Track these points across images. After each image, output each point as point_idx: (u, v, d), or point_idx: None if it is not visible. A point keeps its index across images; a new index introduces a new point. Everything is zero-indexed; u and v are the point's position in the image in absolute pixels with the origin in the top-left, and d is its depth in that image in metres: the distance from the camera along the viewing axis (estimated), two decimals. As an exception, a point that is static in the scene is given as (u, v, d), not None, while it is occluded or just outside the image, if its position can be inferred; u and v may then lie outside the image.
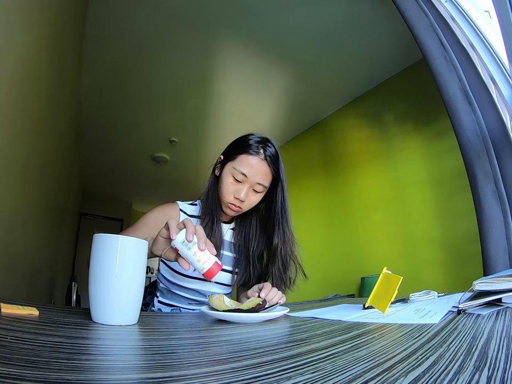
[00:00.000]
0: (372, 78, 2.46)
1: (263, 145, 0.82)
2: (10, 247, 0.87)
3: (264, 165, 0.81)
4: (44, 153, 1.38)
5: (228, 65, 2.37)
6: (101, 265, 0.44)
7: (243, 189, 0.80)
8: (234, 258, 0.90)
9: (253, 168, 0.79)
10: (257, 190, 0.82)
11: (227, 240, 0.91)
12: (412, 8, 1.32)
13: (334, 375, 0.22)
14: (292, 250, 0.87)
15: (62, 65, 1.54)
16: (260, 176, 0.80)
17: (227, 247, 0.90)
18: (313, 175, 2.96)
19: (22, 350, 0.26)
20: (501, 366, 0.22)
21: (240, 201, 0.80)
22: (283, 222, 0.85)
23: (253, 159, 0.80)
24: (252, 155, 0.80)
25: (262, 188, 0.82)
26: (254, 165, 0.80)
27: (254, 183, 0.80)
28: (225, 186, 0.81)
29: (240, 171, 0.79)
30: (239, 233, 0.91)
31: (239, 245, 0.90)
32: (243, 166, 0.79)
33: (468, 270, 1.55)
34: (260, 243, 0.90)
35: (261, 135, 0.85)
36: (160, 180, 4.41)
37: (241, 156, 0.81)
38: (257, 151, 0.81)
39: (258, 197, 0.83)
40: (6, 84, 0.78)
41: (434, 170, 1.97)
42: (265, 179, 0.82)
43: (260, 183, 0.81)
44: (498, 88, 1.23)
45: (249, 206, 0.83)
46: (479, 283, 0.52)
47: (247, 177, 0.79)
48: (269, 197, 0.87)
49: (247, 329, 0.45)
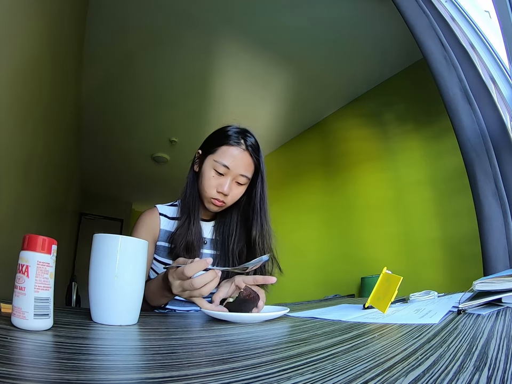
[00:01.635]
0: (372, 78, 2.46)
1: (243, 136, 0.79)
2: (10, 247, 0.87)
3: (246, 155, 0.78)
4: (44, 153, 1.38)
5: (228, 65, 2.37)
6: (101, 265, 0.44)
7: (226, 182, 0.76)
8: (213, 255, 0.88)
9: (235, 159, 0.76)
10: (241, 182, 0.79)
11: (209, 238, 0.88)
12: (412, 8, 1.32)
13: (334, 375, 0.22)
14: (269, 243, 0.84)
15: (63, 65, 1.54)
16: (242, 167, 0.77)
17: (209, 245, 0.88)
18: (313, 175, 2.96)
19: (22, 350, 0.26)
20: (501, 366, 0.22)
21: (224, 195, 0.77)
22: (261, 214, 0.82)
23: (234, 150, 0.77)
24: (233, 146, 0.77)
25: (245, 179, 0.79)
26: (236, 156, 0.77)
27: (237, 174, 0.77)
28: (207, 180, 0.77)
29: (222, 163, 0.76)
30: (218, 229, 0.88)
31: (217, 241, 0.88)
32: (224, 158, 0.76)
33: (468, 270, 1.55)
34: (240, 238, 0.87)
35: (239, 126, 0.82)
36: (160, 180, 4.41)
37: (222, 148, 0.78)
38: (237, 141, 0.78)
39: (241, 190, 0.81)
40: (7, 84, 0.78)
41: (434, 170, 1.97)
42: (248, 170, 0.79)
43: (243, 175, 0.78)
44: (498, 88, 1.23)
45: (233, 200, 0.80)
46: (479, 283, 0.52)
47: (230, 169, 0.76)
48: (249, 189, 0.84)
49: (247, 329, 0.45)
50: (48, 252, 0.35)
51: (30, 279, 0.33)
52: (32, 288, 0.33)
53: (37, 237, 0.35)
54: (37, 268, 0.34)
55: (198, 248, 0.81)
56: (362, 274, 2.16)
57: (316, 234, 2.81)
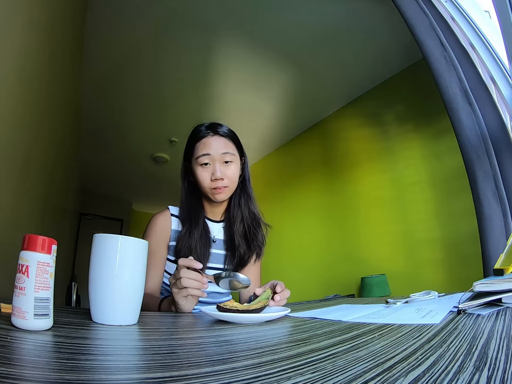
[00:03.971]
0: (372, 78, 2.46)
1: (210, 127, 0.85)
2: (10, 247, 0.87)
3: (219, 137, 0.83)
4: (44, 154, 1.38)
5: (228, 65, 2.37)
6: (101, 265, 0.44)
7: (215, 167, 0.81)
8: (224, 255, 0.90)
9: (208, 145, 0.82)
10: (227, 159, 0.82)
11: (219, 238, 0.91)
12: (412, 8, 1.32)
13: (334, 375, 0.22)
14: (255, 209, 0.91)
15: (62, 65, 1.54)
16: (219, 146, 0.82)
17: (220, 245, 0.90)
18: (313, 175, 2.96)
19: (22, 350, 0.26)
20: (501, 366, 0.22)
21: (221, 179, 0.81)
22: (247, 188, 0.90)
23: (206, 140, 0.83)
24: (203, 137, 0.83)
25: (230, 155, 0.83)
26: (208, 142, 0.82)
27: (218, 155, 0.81)
28: (199, 176, 0.82)
29: (201, 154, 0.81)
30: (225, 226, 0.92)
31: (227, 241, 0.91)
32: (201, 149, 0.82)
33: (468, 270, 1.55)
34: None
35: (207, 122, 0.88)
36: (160, 180, 4.40)
37: (196, 145, 0.83)
38: (206, 132, 0.83)
39: (233, 168, 0.84)
40: (6, 84, 0.78)
41: (434, 170, 1.97)
42: (227, 147, 0.84)
43: (225, 152, 0.82)
44: (498, 88, 1.23)
45: (232, 180, 0.84)
46: (479, 284, 0.52)
47: (210, 155, 0.81)
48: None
49: (247, 329, 0.45)
50: (48, 252, 0.35)
51: (30, 279, 0.33)
52: (32, 288, 0.33)
53: (37, 237, 0.35)
54: (37, 267, 0.34)
55: (204, 249, 0.83)
56: (362, 274, 2.16)
57: (316, 234, 2.81)
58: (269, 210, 2.83)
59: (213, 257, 0.88)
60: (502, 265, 0.60)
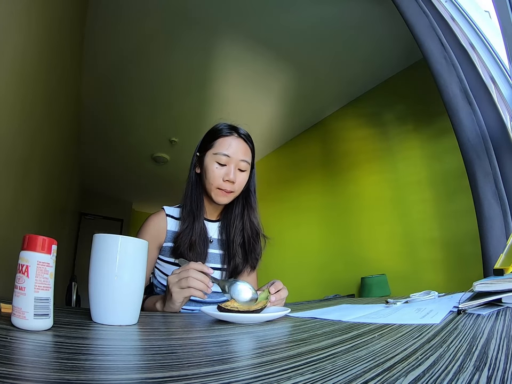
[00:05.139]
0: (372, 78, 2.46)
1: (234, 127, 0.85)
2: (10, 247, 0.87)
3: (242, 142, 0.84)
4: (44, 153, 1.38)
5: (228, 65, 2.37)
6: (101, 265, 0.44)
7: (230, 169, 0.80)
8: (221, 254, 0.90)
9: (233, 146, 0.82)
10: (242, 168, 0.83)
11: (215, 238, 0.90)
12: (412, 8, 1.32)
13: (334, 375, 0.22)
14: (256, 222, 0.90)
15: (62, 64, 1.54)
16: (241, 152, 0.83)
17: (216, 244, 0.90)
18: (313, 175, 2.96)
19: (22, 350, 0.26)
20: (501, 366, 0.22)
21: (232, 183, 0.81)
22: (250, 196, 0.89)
23: (230, 139, 0.83)
24: (228, 136, 0.83)
25: (246, 164, 0.84)
26: (233, 143, 0.82)
27: (237, 161, 0.82)
28: (212, 172, 0.81)
29: (222, 153, 0.81)
30: (222, 226, 0.91)
31: (224, 240, 0.90)
32: (223, 148, 0.81)
33: (468, 270, 1.55)
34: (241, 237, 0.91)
35: (228, 122, 0.88)
36: (160, 180, 4.41)
37: (218, 140, 0.83)
38: (230, 131, 0.84)
39: (245, 176, 0.85)
40: (6, 84, 0.78)
41: (434, 170, 1.97)
42: (246, 155, 0.84)
43: (243, 160, 0.83)
44: (498, 88, 1.23)
45: (240, 187, 0.84)
46: (479, 284, 0.52)
47: (230, 157, 0.81)
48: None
49: (247, 329, 0.45)
50: (48, 252, 0.35)
51: (30, 279, 0.33)
52: (32, 288, 0.33)
53: (37, 237, 0.35)
54: (37, 268, 0.34)
55: (203, 247, 0.83)
56: (362, 274, 2.16)
57: (316, 234, 2.81)
58: (269, 210, 2.83)
59: (210, 256, 0.87)
60: (502, 265, 0.60)
